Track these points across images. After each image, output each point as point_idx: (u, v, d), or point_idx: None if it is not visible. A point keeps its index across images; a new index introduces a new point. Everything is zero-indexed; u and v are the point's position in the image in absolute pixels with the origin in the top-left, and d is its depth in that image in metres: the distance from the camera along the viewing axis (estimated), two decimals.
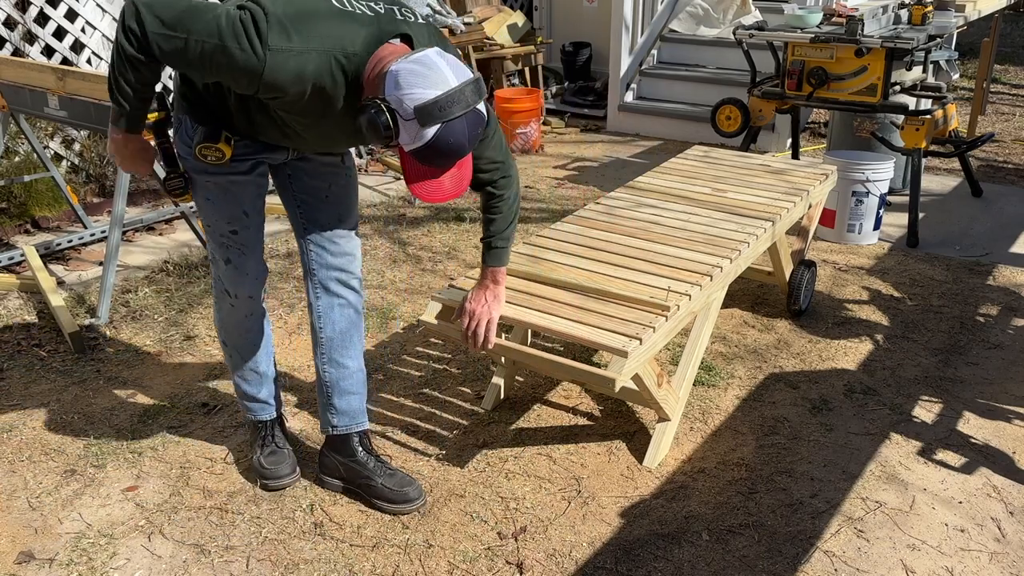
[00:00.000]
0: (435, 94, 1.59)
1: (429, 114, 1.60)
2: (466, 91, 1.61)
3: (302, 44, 1.65)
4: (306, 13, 1.66)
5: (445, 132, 1.62)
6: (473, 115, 1.65)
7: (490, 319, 2.18)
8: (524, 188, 4.94)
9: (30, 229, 4.26)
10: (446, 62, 1.63)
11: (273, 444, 2.42)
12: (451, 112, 1.60)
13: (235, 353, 2.32)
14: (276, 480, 2.36)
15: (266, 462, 2.38)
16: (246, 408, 2.42)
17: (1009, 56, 8.72)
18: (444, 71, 1.61)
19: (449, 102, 1.60)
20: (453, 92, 1.60)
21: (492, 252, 2.19)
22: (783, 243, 3.21)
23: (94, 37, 4.70)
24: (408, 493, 2.28)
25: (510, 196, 2.14)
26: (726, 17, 6.08)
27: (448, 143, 1.63)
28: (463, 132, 1.63)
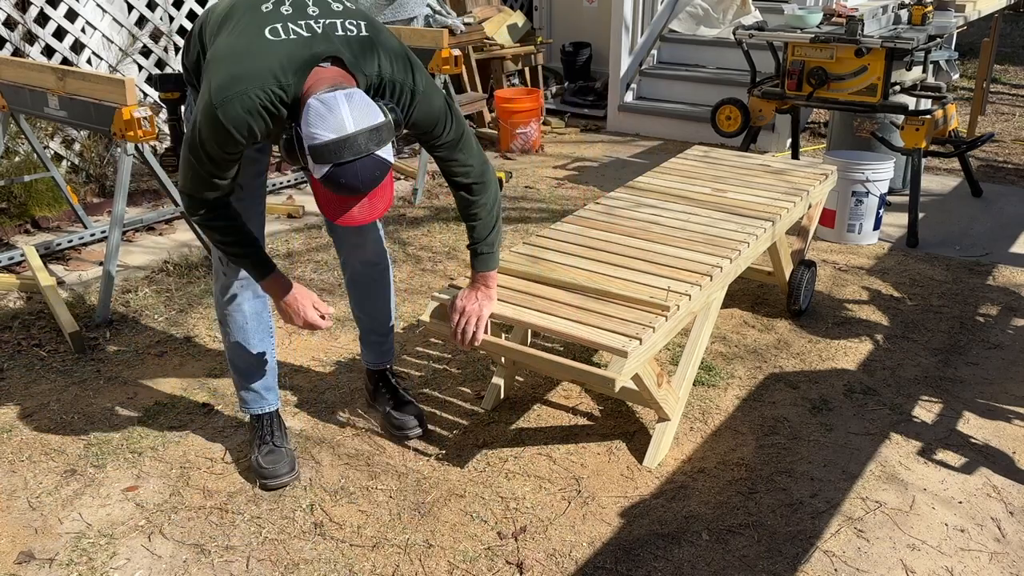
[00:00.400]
0: (328, 138, 1.67)
1: (320, 155, 1.69)
2: (360, 138, 1.68)
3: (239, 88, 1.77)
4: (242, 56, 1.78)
5: (336, 173, 1.70)
6: (368, 161, 1.71)
7: (479, 316, 2.19)
8: (524, 188, 4.94)
9: (30, 229, 4.26)
10: (349, 107, 1.69)
11: (271, 443, 2.43)
12: (341, 156, 1.68)
13: (228, 333, 2.36)
14: (275, 479, 2.37)
15: (264, 461, 2.39)
16: (241, 401, 2.45)
17: (1009, 56, 8.72)
18: (343, 116, 1.68)
19: (339, 147, 1.68)
20: (345, 138, 1.67)
21: (479, 258, 2.23)
22: (783, 243, 3.21)
23: (94, 37, 4.70)
24: (408, 422, 2.57)
25: (487, 202, 2.17)
26: (726, 17, 6.08)
27: (339, 182, 1.71)
28: (355, 174, 1.70)
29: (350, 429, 2.65)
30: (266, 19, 1.82)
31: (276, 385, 2.48)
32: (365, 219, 1.80)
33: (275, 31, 1.80)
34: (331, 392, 2.85)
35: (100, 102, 3.15)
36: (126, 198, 3.33)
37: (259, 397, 2.44)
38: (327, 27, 1.83)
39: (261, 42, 1.79)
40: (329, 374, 2.96)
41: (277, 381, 2.49)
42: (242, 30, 1.82)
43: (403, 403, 2.62)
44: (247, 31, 1.81)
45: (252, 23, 1.82)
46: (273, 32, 1.80)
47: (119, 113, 3.08)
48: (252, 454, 2.44)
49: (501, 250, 2.31)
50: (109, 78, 3.11)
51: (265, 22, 1.81)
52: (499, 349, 2.26)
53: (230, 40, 1.81)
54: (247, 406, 2.45)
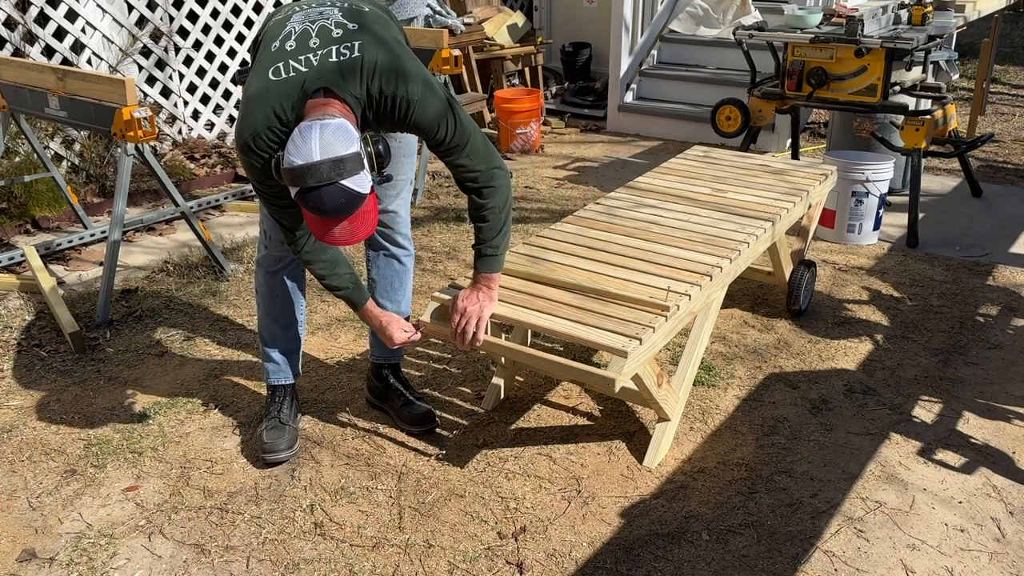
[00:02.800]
0: (296, 163, 1.80)
1: (289, 177, 1.82)
2: (322, 167, 1.78)
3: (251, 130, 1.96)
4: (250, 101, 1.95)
5: (302, 197, 1.82)
6: (332, 188, 1.80)
7: (480, 317, 2.20)
8: (524, 188, 4.94)
9: (30, 229, 4.26)
10: (321, 137, 1.80)
11: (277, 418, 2.53)
12: (305, 182, 1.80)
13: (260, 302, 2.51)
14: (272, 454, 2.45)
15: (266, 436, 2.48)
16: (265, 373, 2.59)
17: (1009, 56, 8.72)
18: (312, 146, 1.79)
19: (303, 173, 1.79)
20: (308, 166, 1.79)
21: (483, 260, 2.25)
22: (783, 243, 3.21)
23: (94, 37, 4.70)
24: (426, 416, 2.61)
25: (496, 206, 2.20)
26: (726, 17, 6.08)
27: (308, 205, 1.83)
28: (319, 200, 1.81)
29: (350, 429, 2.66)
30: (273, 58, 1.97)
31: (298, 361, 2.60)
32: (347, 241, 1.91)
33: (277, 71, 1.95)
34: (331, 392, 2.86)
35: (100, 102, 3.15)
36: (126, 198, 3.33)
37: (278, 368, 2.56)
38: (323, 56, 1.95)
39: (266, 84, 1.95)
40: (329, 374, 2.96)
41: (300, 358, 2.61)
42: (257, 71, 1.98)
43: (416, 398, 2.66)
44: (260, 72, 1.97)
45: (264, 63, 1.98)
46: (275, 72, 1.95)
47: (119, 113, 3.08)
48: (259, 426, 2.54)
49: (506, 253, 2.31)
50: (109, 78, 3.11)
51: (272, 61, 1.97)
52: (499, 349, 2.27)
53: (250, 82, 1.99)
54: (267, 375, 2.57)
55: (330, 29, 1.99)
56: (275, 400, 2.57)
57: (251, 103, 1.96)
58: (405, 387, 2.69)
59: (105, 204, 4.55)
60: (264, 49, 2.02)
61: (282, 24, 2.04)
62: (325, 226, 1.89)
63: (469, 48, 5.98)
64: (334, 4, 2.08)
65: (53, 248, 3.98)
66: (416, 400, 2.65)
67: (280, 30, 2.02)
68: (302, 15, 2.05)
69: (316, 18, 2.02)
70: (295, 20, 2.03)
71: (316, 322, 3.33)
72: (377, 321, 2.32)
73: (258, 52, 2.07)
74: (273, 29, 2.05)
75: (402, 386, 2.69)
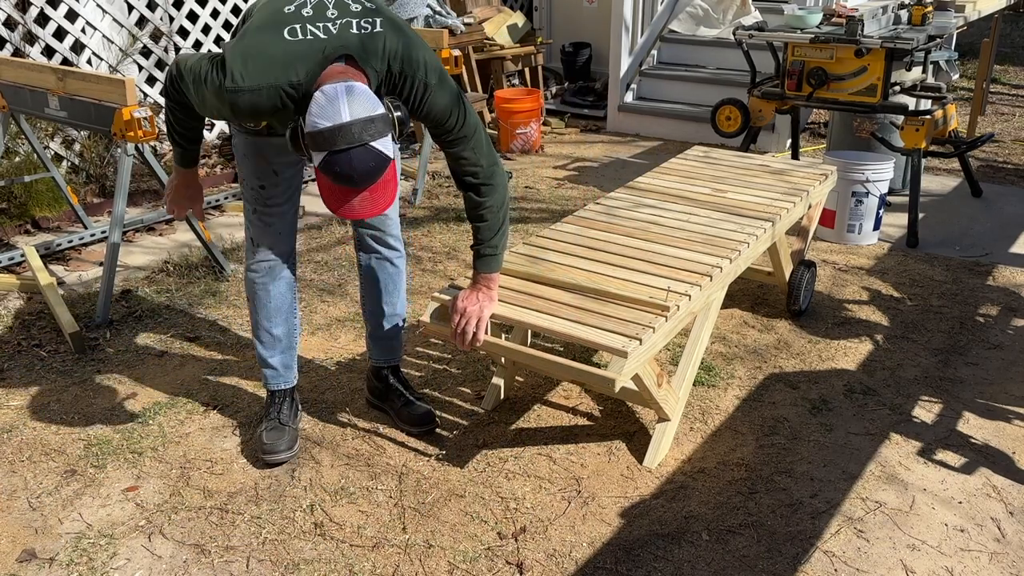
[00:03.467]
0: (324, 125, 1.77)
1: (316, 142, 1.79)
2: (353, 127, 1.77)
3: (253, 83, 1.87)
4: (258, 54, 1.88)
5: (331, 160, 1.79)
6: (361, 150, 1.79)
7: (480, 317, 2.20)
8: (524, 188, 4.94)
9: (30, 229, 4.26)
10: (348, 98, 1.78)
11: (276, 419, 2.53)
12: (336, 144, 1.77)
13: (253, 309, 2.47)
14: (272, 455, 2.45)
15: (266, 437, 2.49)
16: (263, 377, 2.57)
17: (1009, 56, 8.72)
18: (341, 107, 1.77)
19: (334, 134, 1.76)
20: (339, 126, 1.76)
21: (482, 260, 2.25)
22: (783, 243, 3.21)
23: (94, 37, 4.70)
24: (426, 417, 2.61)
25: (494, 205, 2.20)
26: (726, 17, 6.08)
27: (334, 169, 1.80)
28: (349, 163, 1.78)
29: (350, 429, 2.66)
30: (286, 19, 1.91)
31: (295, 364, 2.58)
32: (365, 213, 1.87)
33: (293, 31, 1.89)
34: (331, 392, 2.86)
35: (100, 102, 3.15)
36: (126, 198, 3.33)
37: (277, 374, 2.54)
38: (343, 26, 1.92)
39: (278, 41, 1.88)
40: (329, 374, 2.96)
41: (296, 360, 2.59)
42: (265, 26, 1.91)
43: (416, 398, 2.66)
44: (269, 28, 1.90)
45: (274, 22, 1.92)
46: (291, 32, 1.89)
47: (119, 113, 3.08)
48: (259, 427, 2.54)
49: (504, 253, 2.31)
50: (109, 78, 3.11)
51: (285, 22, 1.91)
52: (499, 349, 2.27)
53: (254, 33, 1.91)
54: (266, 381, 2.56)
55: (347, 3, 1.96)
56: (275, 402, 2.56)
57: (260, 53, 1.88)
58: (405, 387, 2.68)
59: (105, 204, 4.55)
60: (271, 10, 1.95)
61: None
62: (344, 196, 1.85)
63: (469, 48, 5.98)
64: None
65: (53, 248, 3.98)
66: (416, 400, 2.65)
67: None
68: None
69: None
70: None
71: (316, 322, 3.33)
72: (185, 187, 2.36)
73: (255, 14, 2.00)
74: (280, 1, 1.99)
75: (402, 386, 2.68)
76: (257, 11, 2.00)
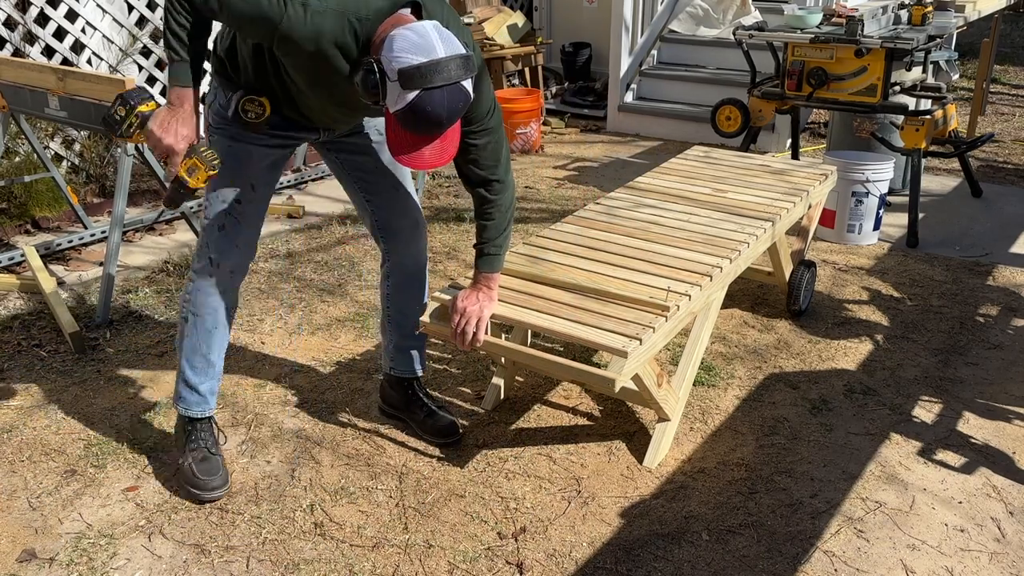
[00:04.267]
0: (419, 60, 1.66)
1: (410, 78, 1.67)
2: (451, 64, 1.68)
3: (321, 3, 1.75)
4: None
5: (424, 99, 1.68)
6: (455, 89, 1.71)
7: (480, 317, 2.20)
8: (524, 188, 4.94)
9: (30, 229, 4.26)
10: (439, 35, 1.70)
11: (205, 449, 2.36)
12: (432, 80, 1.67)
13: (191, 332, 2.29)
14: (208, 492, 2.29)
15: (198, 469, 2.31)
16: (181, 401, 2.37)
17: (1009, 56, 8.72)
18: (434, 42, 1.68)
19: (431, 70, 1.67)
20: (436, 62, 1.67)
21: (484, 259, 2.23)
22: (783, 243, 3.21)
23: (94, 37, 4.70)
24: (452, 426, 2.55)
25: (503, 204, 2.19)
26: (726, 17, 6.08)
27: (426, 111, 1.70)
28: (442, 103, 1.70)
29: (350, 429, 2.66)
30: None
31: (216, 391, 2.41)
32: (435, 162, 1.80)
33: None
34: (331, 392, 2.86)
35: (100, 102, 3.15)
36: (126, 198, 3.33)
37: (203, 400, 2.37)
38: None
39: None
40: (329, 374, 2.96)
41: (218, 387, 2.42)
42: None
43: (438, 408, 2.60)
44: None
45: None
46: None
47: None
48: (183, 459, 2.36)
49: (506, 253, 2.30)
50: (109, 78, 3.11)
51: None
52: (499, 349, 2.27)
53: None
54: (188, 407, 2.37)
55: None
56: (199, 430, 2.38)
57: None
58: (428, 397, 2.62)
59: (105, 204, 4.55)
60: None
61: None
62: (416, 144, 1.76)
63: None
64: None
65: (53, 248, 3.98)
66: (439, 411, 2.59)
67: None
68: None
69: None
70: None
71: (316, 322, 3.33)
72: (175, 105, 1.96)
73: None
74: None
75: (425, 397, 2.62)
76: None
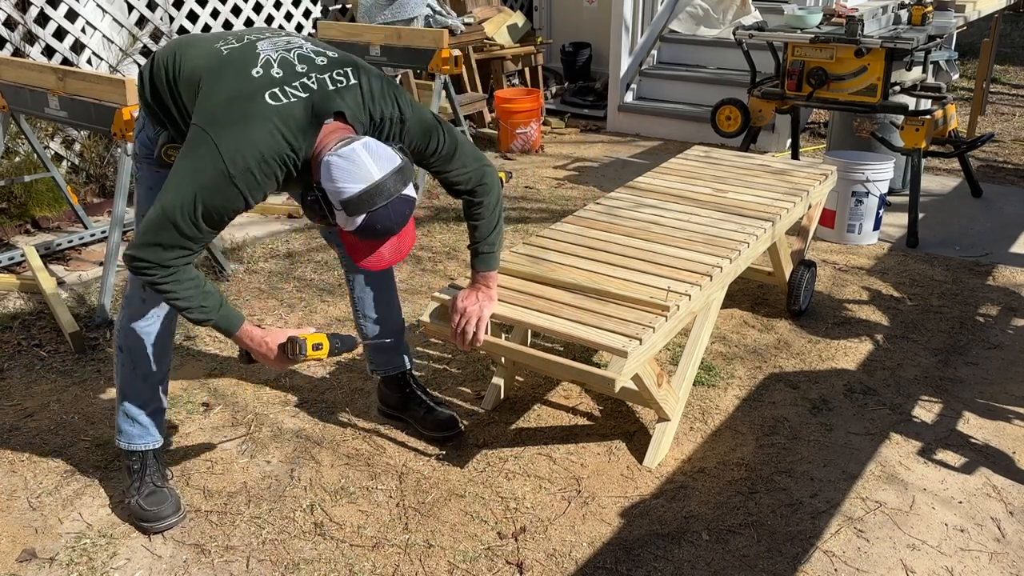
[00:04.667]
0: (359, 188, 1.73)
1: (355, 206, 1.74)
2: (388, 183, 1.75)
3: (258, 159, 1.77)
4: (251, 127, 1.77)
5: (371, 218, 1.76)
6: (398, 200, 1.78)
7: (480, 317, 2.20)
8: (524, 188, 4.94)
9: (30, 229, 4.26)
10: (369, 155, 1.75)
11: (151, 483, 2.27)
12: (375, 203, 1.75)
13: (129, 361, 2.22)
14: (160, 522, 2.21)
15: (146, 503, 2.22)
16: (122, 433, 2.28)
17: (1009, 56, 8.72)
18: (368, 166, 1.74)
19: (372, 195, 1.74)
20: (376, 185, 1.74)
21: (480, 257, 2.24)
22: (783, 243, 3.21)
23: (94, 37, 4.70)
24: (451, 421, 2.57)
25: (490, 202, 2.20)
26: (726, 17, 6.08)
27: (375, 228, 1.78)
28: (388, 216, 1.78)
29: (350, 429, 2.66)
30: (261, 84, 1.81)
31: (163, 423, 2.33)
32: (394, 260, 1.87)
33: (275, 95, 1.80)
34: (331, 392, 2.85)
35: (100, 102, 3.15)
36: (126, 198, 3.32)
37: (145, 432, 2.28)
38: (320, 82, 1.85)
39: (264, 107, 1.78)
40: (329, 374, 2.96)
41: (164, 418, 2.34)
42: (237, 95, 1.80)
43: (436, 404, 2.62)
44: (244, 97, 1.79)
45: (247, 87, 1.81)
46: (273, 96, 1.80)
47: (119, 113, 3.08)
48: (130, 496, 2.26)
49: (501, 250, 2.31)
50: (109, 78, 3.11)
51: (262, 87, 1.81)
52: (499, 349, 2.27)
53: (227, 106, 1.79)
54: (129, 440, 2.27)
55: (311, 57, 1.89)
56: (144, 465, 2.29)
57: (249, 125, 1.76)
58: (425, 393, 2.64)
59: (105, 204, 4.55)
60: (236, 76, 1.82)
61: (243, 51, 1.87)
62: (373, 248, 1.83)
63: (469, 48, 5.97)
64: (291, 34, 1.97)
65: (53, 248, 3.98)
66: (437, 406, 2.61)
67: (247, 57, 1.86)
68: (268, 44, 1.90)
69: (288, 47, 1.90)
70: (264, 48, 1.88)
71: (316, 322, 3.33)
72: (259, 341, 1.99)
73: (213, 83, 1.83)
74: (234, 58, 1.86)
75: (422, 393, 2.64)
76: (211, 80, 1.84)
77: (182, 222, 1.78)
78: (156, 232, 1.79)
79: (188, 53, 1.92)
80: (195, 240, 1.82)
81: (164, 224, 1.78)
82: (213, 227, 1.82)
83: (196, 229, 1.80)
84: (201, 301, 1.89)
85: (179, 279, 1.85)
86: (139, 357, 2.22)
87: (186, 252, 1.83)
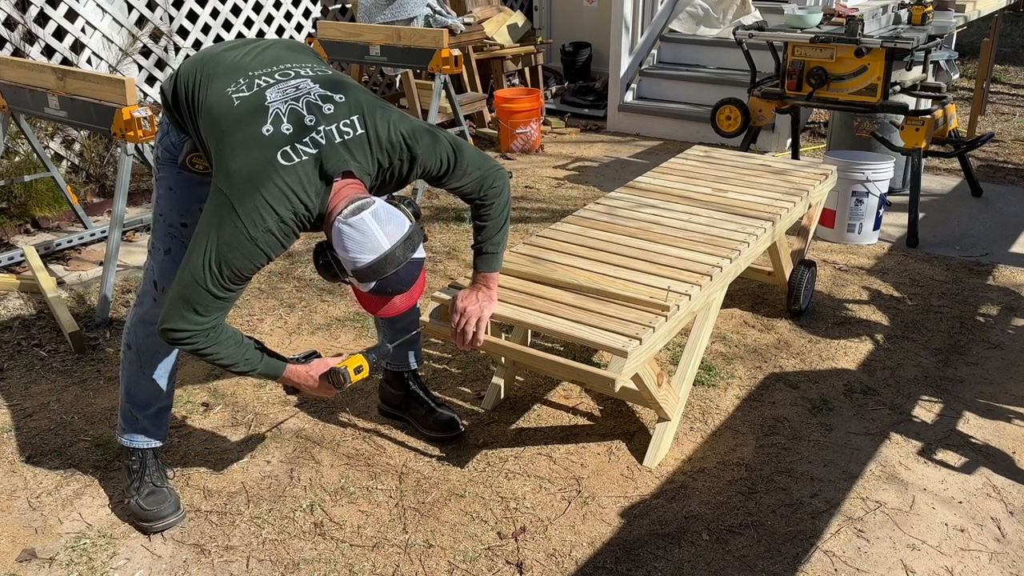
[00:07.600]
0: (370, 259, 1.80)
1: (365, 276, 1.82)
2: (398, 252, 1.82)
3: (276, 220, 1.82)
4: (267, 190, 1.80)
5: (382, 285, 1.84)
6: (407, 266, 1.85)
7: (480, 317, 2.20)
8: (524, 188, 4.94)
9: (30, 229, 4.26)
10: (379, 225, 1.80)
11: (151, 483, 2.28)
12: (385, 272, 1.82)
13: (136, 359, 2.23)
14: (160, 521, 2.22)
15: (145, 503, 2.24)
16: (123, 432, 2.30)
17: (1009, 56, 8.72)
18: (377, 237, 1.79)
19: (382, 265, 1.81)
20: (386, 255, 1.80)
21: (483, 258, 2.23)
22: (783, 243, 3.21)
23: (94, 37, 4.70)
24: (454, 421, 2.58)
25: (499, 204, 2.20)
26: (726, 17, 6.08)
27: (386, 290, 1.86)
28: (399, 279, 1.85)
29: (350, 429, 2.66)
30: (274, 143, 1.83)
31: (166, 423, 2.34)
32: (406, 307, 1.94)
33: (287, 155, 1.82)
34: None
35: (100, 102, 3.15)
36: (126, 198, 3.33)
37: (147, 431, 2.30)
38: (328, 136, 1.85)
39: (278, 170, 1.81)
40: None
41: (167, 418, 2.34)
42: (252, 161, 1.82)
43: (438, 404, 2.62)
44: (260, 159, 1.82)
45: (260, 152, 1.82)
46: (285, 156, 1.82)
47: (119, 113, 3.08)
48: (129, 497, 2.27)
49: (504, 252, 2.31)
50: (109, 78, 3.11)
51: (275, 146, 1.82)
52: (499, 349, 2.27)
53: (243, 169, 1.81)
54: (132, 439, 2.30)
55: (318, 104, 1.87)
56: (144, 464, 2.30)
57: (265, 188, 1.80)
58: (426, 393, 2.64)
59: (105, 204, 4.55)
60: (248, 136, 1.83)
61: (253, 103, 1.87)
62: (385, 301, 1.90)
63: (469, 48, 5.97)
64: (299, 72, 1.95)
65: (53, 248, 3.98)
66: (438, 407, 2.61)
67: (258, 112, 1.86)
68: (277, 92, 1.88)
69: (296, 94, 1.88)
70: (273, 98, 1.87)
71: (316, 322, 3.33)
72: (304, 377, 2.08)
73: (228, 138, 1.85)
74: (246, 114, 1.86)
75: (423, 392, 2.64)
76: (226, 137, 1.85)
77: (212, 285, 1.84)
78: (187, 300, 1.85)
79: (210, 87, 1.93)
80: (226, 299, 1.88)
81: (195, 289, 1.84)
82: (239, 283, 1.88)
83: (225, 289, 1.86)
84: (244, 355, 1.97)
85: (219, 340, 1.91)
86: (147, 356, 2.23)
87: (219, 313, 1.90)
